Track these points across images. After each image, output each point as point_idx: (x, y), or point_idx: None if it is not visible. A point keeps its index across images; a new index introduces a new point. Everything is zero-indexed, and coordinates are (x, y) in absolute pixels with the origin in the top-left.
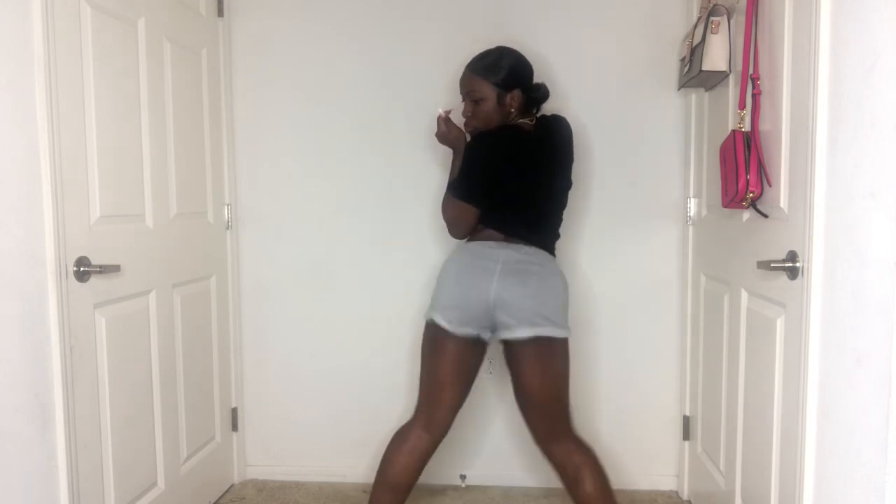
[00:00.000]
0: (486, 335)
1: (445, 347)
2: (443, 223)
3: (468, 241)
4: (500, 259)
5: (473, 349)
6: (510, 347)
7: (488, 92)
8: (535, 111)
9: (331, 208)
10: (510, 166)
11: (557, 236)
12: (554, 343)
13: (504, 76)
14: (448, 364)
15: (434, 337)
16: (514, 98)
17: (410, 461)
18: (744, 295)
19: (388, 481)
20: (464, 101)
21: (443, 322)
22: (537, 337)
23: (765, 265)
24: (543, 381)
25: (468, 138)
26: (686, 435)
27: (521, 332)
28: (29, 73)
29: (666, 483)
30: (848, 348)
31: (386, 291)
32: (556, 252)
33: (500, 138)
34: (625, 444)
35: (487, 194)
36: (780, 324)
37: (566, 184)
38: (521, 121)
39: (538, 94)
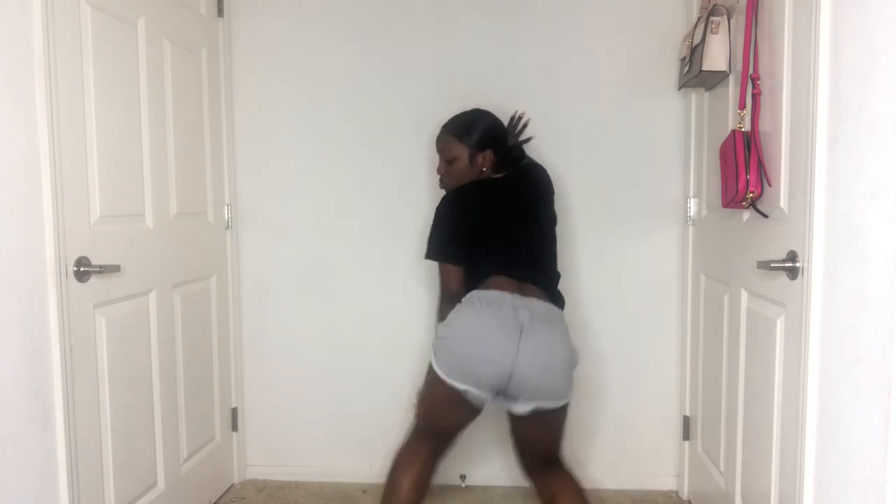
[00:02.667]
0: (492, 399)
1: (456, 400)
2: None
3: (479, 289)
4: (519, 321)
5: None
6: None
7: (460, 152)
8: (509, 168)
9: (330, 208)
10: (482, 214)
11: (558, 275)
12: (559, 409)
13: (477, 138)
14: (456, 409)
15: (443, 385)
16: (486, 157)
17: (420, 482)
18: (744, 295)
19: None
20: (439, 158)
21: (456, 384)
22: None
23: (765, 265)
24: (544, 438)
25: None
26: (686, 435)
27: (527, 407)
28: (29, 73)
29: (666, 483)
30: (848, 348)
31: (386, 291)
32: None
33: (463, 192)
34: (625, 444)
35: (460, 249)
36: (780, 324)
37: (551, 220)
38: (493, 176)
39: (511, 155)
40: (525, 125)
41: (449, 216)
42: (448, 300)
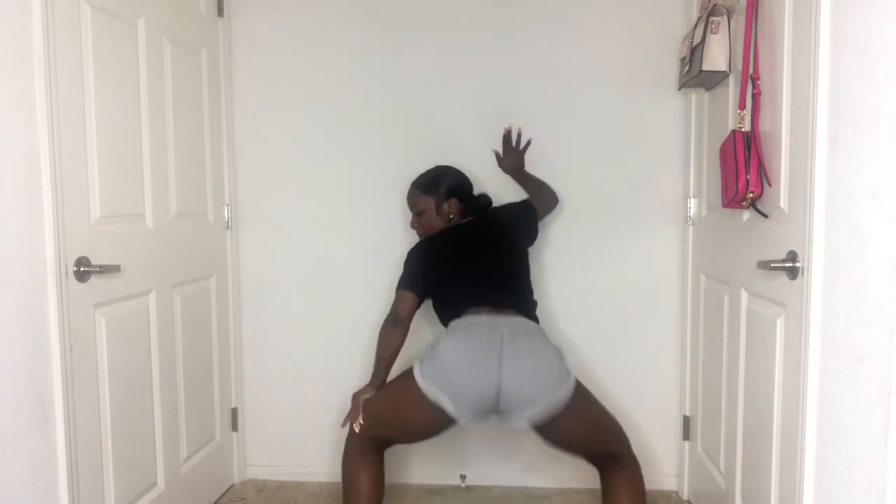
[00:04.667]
0: (479, 422)
1: (425, 417)
2: None
3: (457, 319)
4: (499, 335)
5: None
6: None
7: (427, 204)
8: (476, 213)
9: (330, 208)
10: (451, 255)
11: (535, 302)
12: (564, 408)
13: (442, 190)
14: (424, 426)
15: (425, 406)
16: (451, 205)
17: (378, 477)
18: (744, 295)
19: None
20: (411, 213)
21: (447, 404)
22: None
23: (765, 265)
24: (572, 442)
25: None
26: (686, 435)
27: (525, 421)
28: (29, 73)
29: (666, 483)
30: (848, 348)
31: (386, 291)
32: (556, 257)
33: (432, 239)
34: None
35: (421, 281)
36: (780, 324)
37: (520, 254)
38: (461, 222)
39: (476, 204)
40: (520, 135)
41: (415, 260)
42: (392, 323)
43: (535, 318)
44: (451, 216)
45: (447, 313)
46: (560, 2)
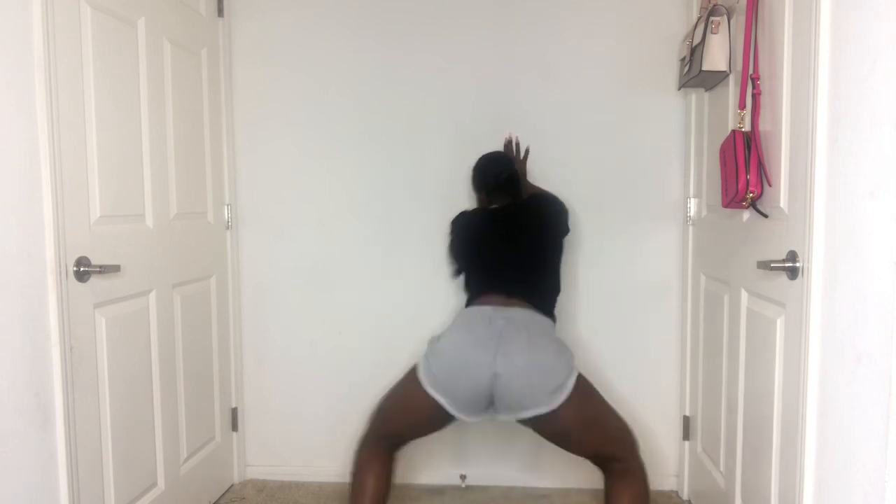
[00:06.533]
0: (477, 418)
1: (426, 410)
2: (441, 222)
3: (467, 306)
4: (497, 331)
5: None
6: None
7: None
8: (512, 195)
9: (331, 208)
10: (477, 232)
11: (556, 290)
12: (563, 407)
13: (472, 186)
14: (423, 420)
15: (424, 399)
16: (481, 200)
17: (385, 479)
18: (744, 295)
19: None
20: None
21: (445, 403)
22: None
23: (765, 265)
24: (569, 442)
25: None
26: (686, 435)
27: (513, 416)
28: (29, 73)
29: (666, 483)
30: (848, 348)
31: (385, 291)
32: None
33: (462, 216)
34: None
35: (457, 260)
36: (780, 324)
37: (548, 242)
38: (492, 207)
39: (502, 191)
40: (518, 143)
41: (451, 233)
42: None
43: (546, 311)
44: (484, 204)
45: (467, 294)
46: (560, 2)
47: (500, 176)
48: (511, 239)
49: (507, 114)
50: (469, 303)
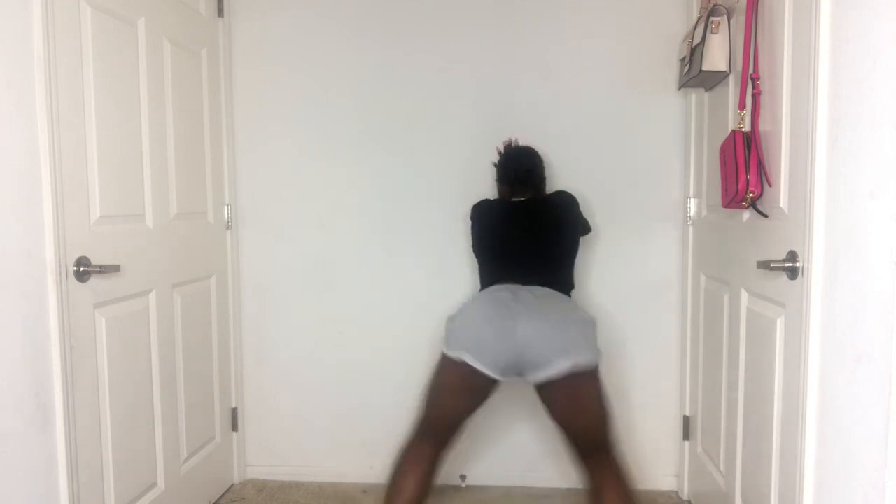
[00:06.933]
0: (508, 379)
1: (459, 381)
2: (441, 222)
3: (482, 289)
4: (520, 299)
5: (490, 384)
6: (542, 385)
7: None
8: (533, 189)
9: (331, 208)
10: (499, 222)
11: (571, 285)
12: (584, 374)
13: (496, 177)
14: (458, 392)
15: (454, 368)
16: (502, 192)
17: (423, 483)
18: (744, 295)
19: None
20: None
21: (469, 359)
22: (568, 374)
23: (765, 265)
24: (577, 414)
25: None
26: (686, 435)
27: (551, 372)
28: (29, 73)
29: (666, 483)
30: (848, 348)
31: (386, 291)
32: None
33: (485, 201)
34: (625, 444)
35: (481, 249)
36: (780, 324)
37: (564, 236)
38: (512, 199)
39: (522, 184)
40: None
41: (471, 219)
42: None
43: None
44: (505, 196)
45: (482, 281)
46: (560, 2)
47: (520, 170)
48: (531, 231)
49: (507, 114)
50: (486, 287)
